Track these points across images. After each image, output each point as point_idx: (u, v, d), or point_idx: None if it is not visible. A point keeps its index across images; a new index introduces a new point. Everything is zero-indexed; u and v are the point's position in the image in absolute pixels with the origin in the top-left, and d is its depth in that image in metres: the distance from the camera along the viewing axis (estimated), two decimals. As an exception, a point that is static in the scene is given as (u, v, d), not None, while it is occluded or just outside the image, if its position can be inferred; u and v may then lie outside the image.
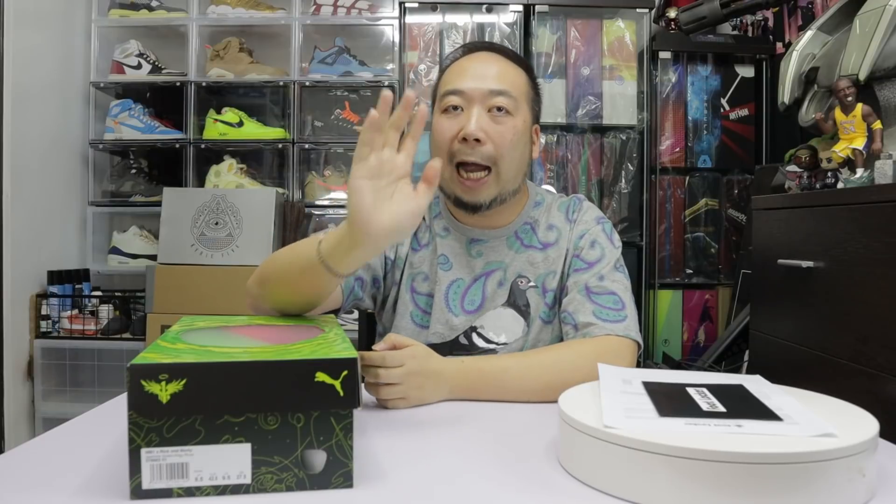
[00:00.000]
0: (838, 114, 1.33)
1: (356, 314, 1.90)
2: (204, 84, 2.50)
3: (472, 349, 1.05)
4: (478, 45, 1.09)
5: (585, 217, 1.09)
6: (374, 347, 0.90)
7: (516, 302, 1.06)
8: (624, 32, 2.46)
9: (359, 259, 0.78)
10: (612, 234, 1.08)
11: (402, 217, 0.73)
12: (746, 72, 2.52)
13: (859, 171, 1.30)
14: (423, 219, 1.13)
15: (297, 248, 0.91)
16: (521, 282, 1.06)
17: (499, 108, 1.01)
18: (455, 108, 1.01)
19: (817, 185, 1.43)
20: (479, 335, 1.05)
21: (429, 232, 1.11)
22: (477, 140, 0.98)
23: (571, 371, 0.87)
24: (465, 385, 0.87)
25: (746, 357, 1.96)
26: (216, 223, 2.24)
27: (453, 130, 1.00)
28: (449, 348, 1.05)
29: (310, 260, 0.80)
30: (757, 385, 0.68)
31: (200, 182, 2.50)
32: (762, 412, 0.59)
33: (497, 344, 1.05)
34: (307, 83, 2.49)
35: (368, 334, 1.35)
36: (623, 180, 2.47)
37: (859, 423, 0.57)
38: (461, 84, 1.01)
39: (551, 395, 0.79)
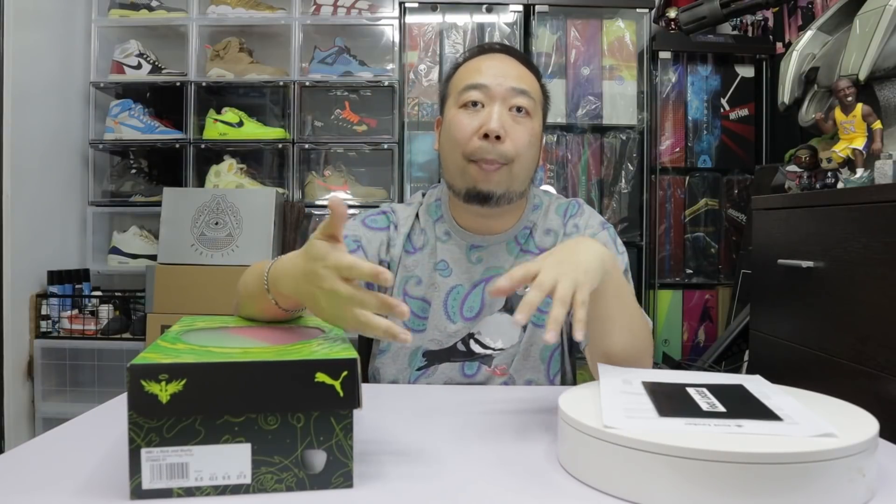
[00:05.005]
0: (838, 114, 1.33)
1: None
2: (204, 84, 2.50)
3: (469, 355, 1.04)
4: (494, 45, 1.08)
5: (591, 222, 1.08)
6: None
7: (513, 308, 1.05)
8: (624, 32, 2.46)
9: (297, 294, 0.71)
10: (617, 241, 1.08)
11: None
12: (746, 72, 2.52)
13: (859, 171, 1.30)
14: (418, 219, 1.11)
15: (258, 267, 0.87)
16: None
17: (518, 109, 1.00)
18: (475, 103, 1.00)
19: (817, 185, 1.43)
20: (477, 341, 1.05)
21: (424, 235, 1.09)
22: (497, 137, 0.97)
23: (641, 328, 0.87)
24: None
25: (746, 357, 1.96)
26: (216, 223, 2.24)
27: (473, 126, 0.99)
28: (447, 355, 1.05)
29: (260, 286, 0.78)
30: (757, 385, 0.68)
31: (200, 182, 2.50)
32: (762, 412, 0.59)
33: (494, 350, 1.05)
34: (307, 83, 2.48)
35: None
36: (623, 180, 2.47)
37: (859, 423, 0.57)
38: (483, 79, 1.00)
39: (629, 339, 0.84)
